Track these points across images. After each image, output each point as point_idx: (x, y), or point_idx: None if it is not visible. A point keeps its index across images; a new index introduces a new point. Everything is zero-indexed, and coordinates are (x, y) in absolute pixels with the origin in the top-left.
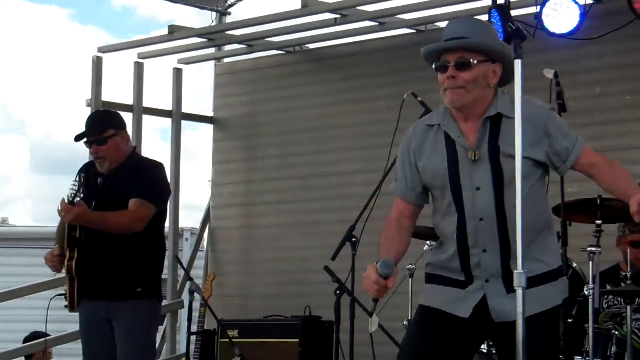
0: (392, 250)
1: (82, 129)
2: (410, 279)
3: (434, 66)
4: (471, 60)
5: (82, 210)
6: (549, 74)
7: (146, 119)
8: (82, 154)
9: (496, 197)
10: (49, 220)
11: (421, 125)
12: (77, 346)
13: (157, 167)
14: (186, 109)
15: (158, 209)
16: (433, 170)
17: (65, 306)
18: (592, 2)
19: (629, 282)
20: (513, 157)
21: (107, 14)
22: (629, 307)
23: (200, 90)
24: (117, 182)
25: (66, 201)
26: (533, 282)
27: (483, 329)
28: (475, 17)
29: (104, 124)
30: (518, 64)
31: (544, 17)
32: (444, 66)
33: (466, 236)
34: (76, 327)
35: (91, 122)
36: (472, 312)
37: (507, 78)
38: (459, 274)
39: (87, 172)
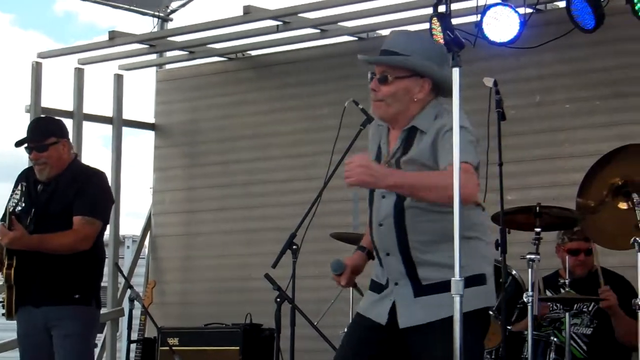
0: (365, 240)
1: (22, 134)
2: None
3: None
4: (388, 76)
5: (18, 234)
6: (489, 82)
7: (87, 125)
8: (23, 160)
9: (396, 204)
10: None
11: (374, 122)
12: (15, 354)
13: (99, 176)
14: (127, 115)
15: (103, 222)
16: None
17: (2, 314)
18: (531, 11)
19: (567, 289)
20: (414, 163)
21: (49, 19)
22: (567, 314)
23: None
24: (58, 190)
25: (10, 210)
26: (428, 289)
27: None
28: (416, 25)
29: (46, 131)
30: (456, 72)
31: (484, 26)
32: (371, 78)
33: (374, 239)
34: (14, 335)
35: (33, 128)
36: (390, 318)
37: (444, 92)
38: (382, 277)
39: (27, 180)
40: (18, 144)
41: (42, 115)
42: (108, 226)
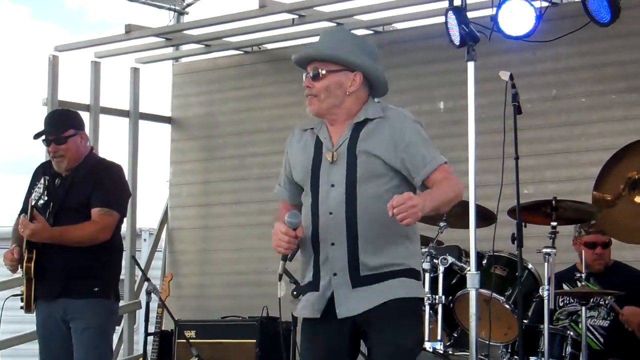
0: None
1: (38, 128)
2: None
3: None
4: (320, 71)
5: (40, 227)
6: (505, 76)
7: (104, 118)
8: (40, 153)
9: (347, 192)
10: (2, 221)
11: (297, 129)
12: (34, 346)
13: (116, 169)
14: (143, 108)
15: (121, 214)
16: (300, 168)
17: (21, 307)
18: (547, 4)
19: (583, 283)
20: (369, 154)
21: (62, 12)
22: (583, 308)
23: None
24: (75, 183)
25: (32, 203)
26: (365, 280)
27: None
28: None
29: (64, 123)
30: (471, 66)
31: (500, 20)
32: (306, 76)
33: (318, 230)
34: (32, 328)
35: (51, 120)
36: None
37: (378, 90)
38: (310, 275)
39: (45, 173)
40: (36, 136)
41: (58, 109)
42: (125, 219)
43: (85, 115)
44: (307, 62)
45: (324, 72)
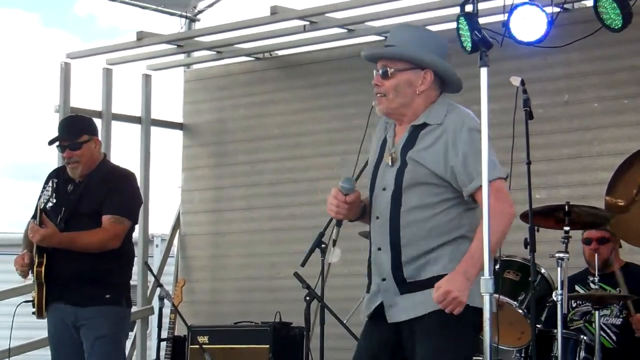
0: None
1: (52, 134)
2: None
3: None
4: (388, 69)
5: (49, 232)
6: (516, 81)
7: (116, 125)
8: (52, 159)
9: (393, 198)
10: (16, 227)
11: (382, 120)
12: (46, 353)
13: (129, 177)
14: (155, 115)
15: (132, 222)
16: (370, 164)
17: (33, 312)
18: (559, 10)
19: (595, 286)
20: (417, 163)
21: (71, 19)
22: (597, 312)
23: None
24: (88, 189)
25: (40, 207)
26: (412, 287)
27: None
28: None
29: (79, 129)
30: (484, 72)
31: (512, 25)
32: (375, 73)
33: (370, 233)
34: (44, 334)
35: (65, 126)
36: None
37: (451, 87)
38: (372, 276)
39: (57, 178)
40: (51, 142)
41: (71, 114)
42: (137, 225)
43: (97, 122)
44: (376, 59)
45: (392, 70)
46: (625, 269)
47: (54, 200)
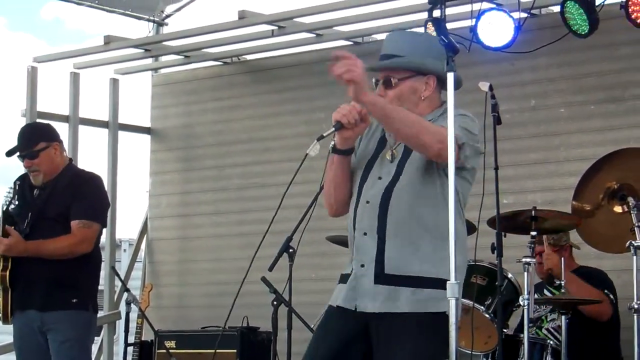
0: None
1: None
2: None
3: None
4: (392, 79)
5: (12, 241)
6: (484, 86)
7: (83, 129)
8: (17, 164)
9: (388, 186)
10: None
11: None
12: (11, 358)
13: (95, 180)
14: (123, 119)
15: (101, 225)
16: (359, 156)
17: None
18: (526, 15)
19: (562, 290)
20: (419, 157)
21: (38, 23)
22: (563, 317)
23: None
24: (54, 194)
25: (2, 209)
26: (388, 279)
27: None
28: (412, 29)
29: (34, 138)
30: (450, 77)
31: (479, 31)
32: (376, 84)
33: (355, 220)
34: (10, 339)
35: (21, 136)
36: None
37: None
38: (349, 266)
39: (23, 183)
40: (9, 153)
41: (29, 122)
42: (105, 230)
43: (64, 126)
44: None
45: (396, 80)
46: (576, 272)
47: (17, 203)
